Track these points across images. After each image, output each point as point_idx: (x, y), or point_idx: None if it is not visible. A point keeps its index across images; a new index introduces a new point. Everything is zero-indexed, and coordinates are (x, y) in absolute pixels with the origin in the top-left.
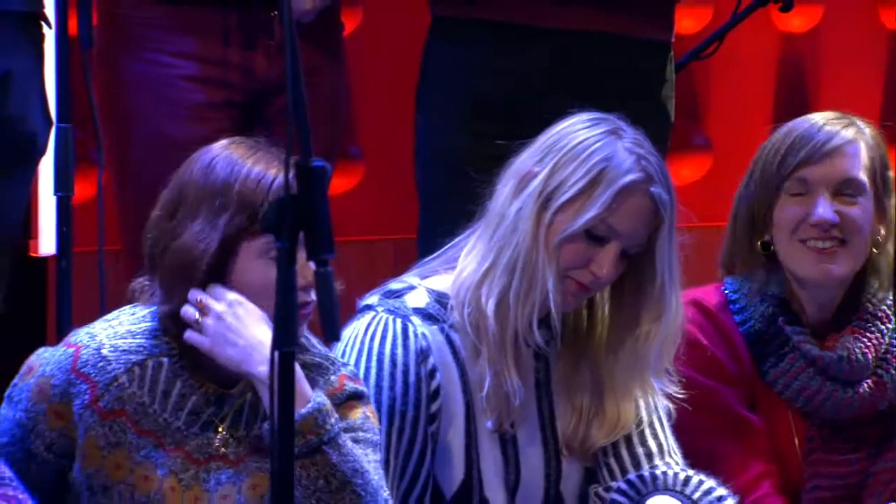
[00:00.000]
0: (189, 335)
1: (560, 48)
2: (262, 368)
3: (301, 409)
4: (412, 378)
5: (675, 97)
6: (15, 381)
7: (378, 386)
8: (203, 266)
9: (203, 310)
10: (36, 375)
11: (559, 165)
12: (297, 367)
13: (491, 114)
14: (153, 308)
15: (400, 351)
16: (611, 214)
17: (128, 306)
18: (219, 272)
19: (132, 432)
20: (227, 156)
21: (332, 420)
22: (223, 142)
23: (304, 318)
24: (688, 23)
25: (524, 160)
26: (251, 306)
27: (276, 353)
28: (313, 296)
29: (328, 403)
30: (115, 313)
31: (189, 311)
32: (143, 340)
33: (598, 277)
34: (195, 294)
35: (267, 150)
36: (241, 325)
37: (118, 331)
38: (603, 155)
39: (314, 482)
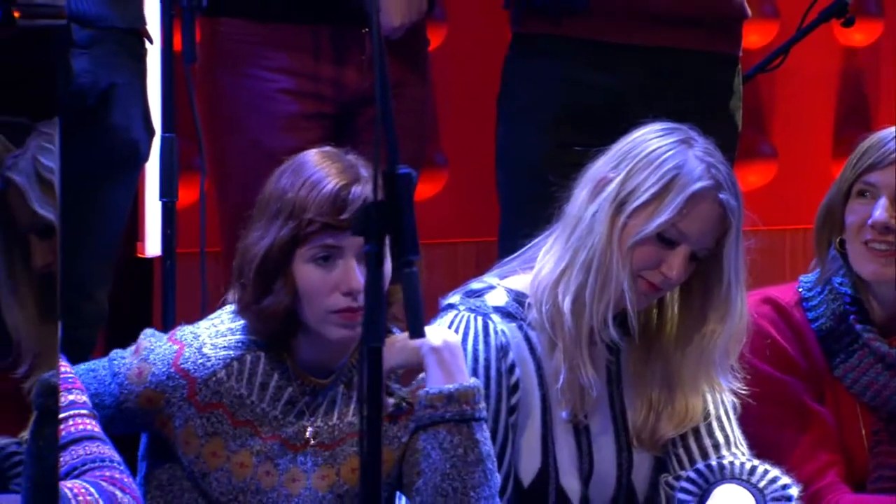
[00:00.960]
0: None
1: (636, 62)
2: (431, 339)
3: (464, 382)
4: (493, 373)
5: (742, 108)
6: (123, 353)
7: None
8: (252, 268)
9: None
10: (139, 358)
11: (633, 172)
12: (451, 355)
13: (570, 124)
14: None
15: (481, 347)
16: (681, 219)
17: (229, 306)
18: (271, 275)
19: (228, 423)
20: (298, 164)
21: (483, 404)
22: (310, 151)
23: (350, 323)
24: (755, 38)
25: (600, 166)
26: None
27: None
28: (361, 300)
29: (483, 388)
30: (217, 313)
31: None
32: (241, 336)
33: (668, 278)
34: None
35: (343, 161)
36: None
37: (219, 329)
38: (675, 163)
39: (455, 448)
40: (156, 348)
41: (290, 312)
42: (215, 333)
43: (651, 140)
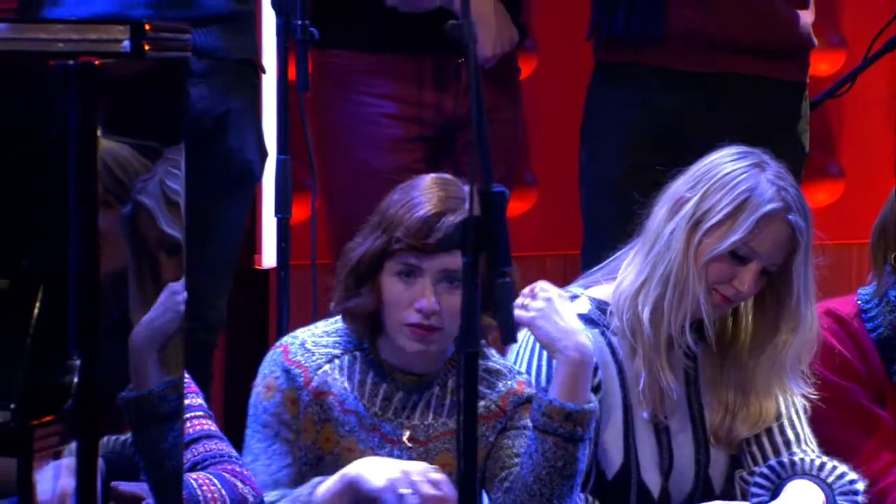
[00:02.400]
0: (518, 315)
1: (709, 88)
2: (572, 351)
3: (585, 405)
4: None
5: (810, 131)
6: (249, 406)
7: (538, 378)
8: (346, 270)
9: (533, 293)
10: (260, 384)
11: (709, 192)
12: (584, 371)
13: (647, 146)
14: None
15: None
16: (753, 238)
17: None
18: (361, 279)
19: (339, 409)
20: (410, 185)
21: (593, 425)
22: (428, 176)
23: (421, 338)
24: (824, 66)
25: (678, 186)
26: (568, 303)
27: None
28: (434, 321)
29: (599, 411)
30: (314, 324)
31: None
32: (337, 338)
33: (739, 292)
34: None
35: (449, 190)
36: (563, 311)
37: (315, 332)
38: (748, 185)
39: (556, 460)
40: (266, 363)
41: (374, 316)
42: (312, 335)
43: (726, 163)
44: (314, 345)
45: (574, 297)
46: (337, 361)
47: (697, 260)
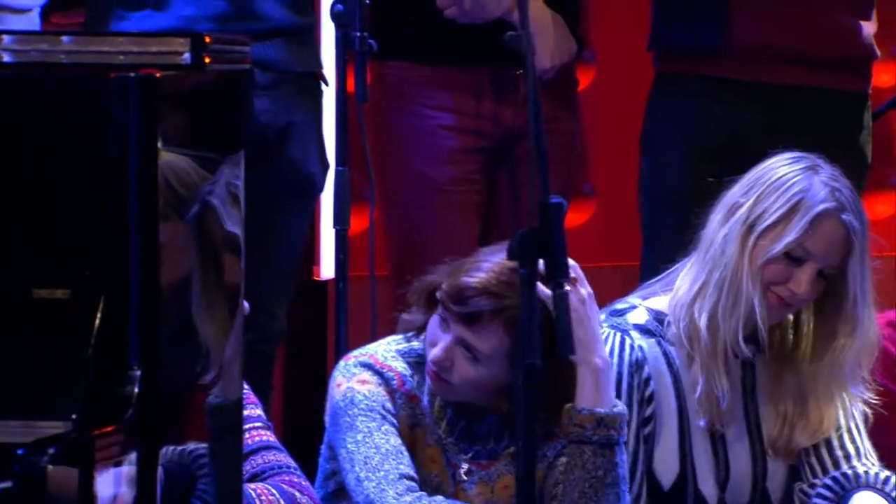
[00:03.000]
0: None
1: (771, 100)
2: (597, 358)
3: (614, 408)
4: (625, 386)
5: (872, 142)
6: (332, 407)
7: None
8: (417, 286)
9: (574, 281)
10: (347, 382)
11: (762, 196)
12: (606, 378)
13: (706, 157)
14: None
15: (615, 361)
16: (807, 239)
17: (393, 337)
18: (422, 301)
19: (429, 416)
20: (498, 246)
21: (626, 429)
22: (488, 248)
23: (432, 379)
24: (886, 77)
25: (732, 193)
26: (595, 307)
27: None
28: (443, 373)
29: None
30: (380, 341)
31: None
32: (410, 358)
33: (795, 294)
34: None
35: (513, 276)
36: (594, 314)
37: (388, 348)
38: (801, 187)
39: (595, 469)
40: (345, 369)
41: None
42: (387, 350)
43: (779, 167)
44: (393, 358)
45: (632, 307)
46: (417, 377)
47: (752, 263)
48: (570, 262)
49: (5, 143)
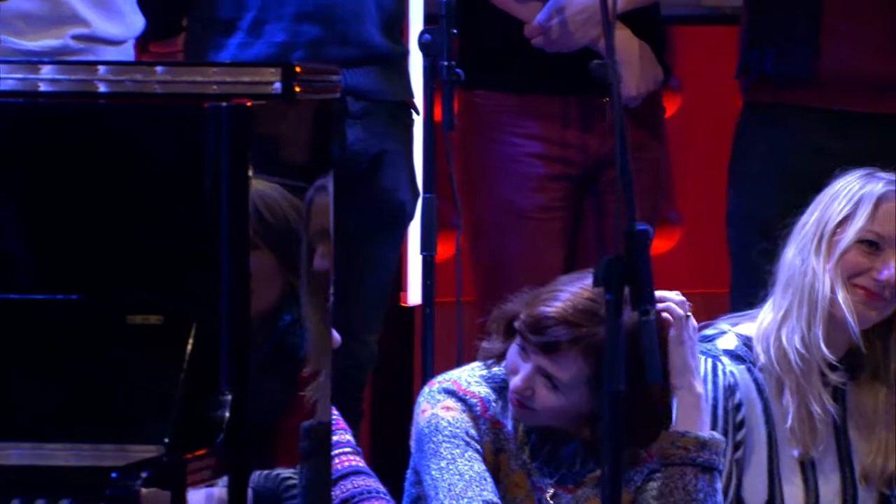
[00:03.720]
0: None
1: (862, 128)
2: (696, 383)
3: (714, 434)
4: (720, 410)
5: None
6: (417, 432)
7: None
8: (494, 315)
9: (674, 313)
10: (431, 409)
11: (825, 206)
12: (705, 403)
13: (797, 186)
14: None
15: (710, 386)
16: (874, 223)
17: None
18: (501, 329)
19: (513, 442)
20: (574, 275)
21: (724, 458)
22: (568, 276)
23: (515, 406)
24: None
25: (802, 218)
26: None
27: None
28: (525, 401)
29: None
30: (463, 367)
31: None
32: (494, 384)
33: (878, 279)
34: (671, 295)
35: (592, 302)
36: (693, 341)
37: (472, 374)
38: (860, 185)
39: (696, 492)
40: (429, 395)
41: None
42: (470, 376)
43: (837, 182)
44: (477, 384)
45: (721, 333)
46: (500, 403)
47: (828, 262)
48: (675, 293)
49: (101, 171)
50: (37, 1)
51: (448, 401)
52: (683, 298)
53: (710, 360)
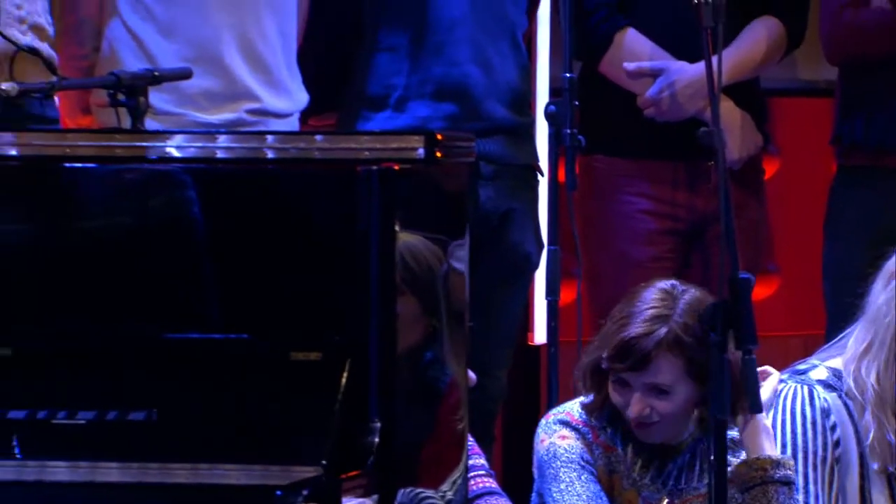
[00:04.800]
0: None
1: None
2: (765, 413)
3: (784, 454)
4: (819, 429)
5: None
6: (538, 459)
7: (793, 433)
8: (581, 373)
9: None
10: (549, 438)
11: None
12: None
13: (889, 241)
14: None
15: (808, 409)
16: None
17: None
18: (592, 380)
19: (625, 463)
20: (631, 296)
21: (796, 474)
22: (653, 286)
23: (640, 431)
24: None
25: (890, 262)
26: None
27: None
28: (647, 421)
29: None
30: (574, 400)
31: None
32: (601, 414)
33: None
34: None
35: (663, 305)
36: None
37: (579, 408)
38: None
39: None
40: (547, 427)
41: (602, 409)
42: (580, 406)
43: None
44: (578, 416)
45: (813, 366)
46: (609, 429)
47: None
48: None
49: (268, 226)
50: (216, 80)
51: (563, 430)
52: None
53: (805, 388)
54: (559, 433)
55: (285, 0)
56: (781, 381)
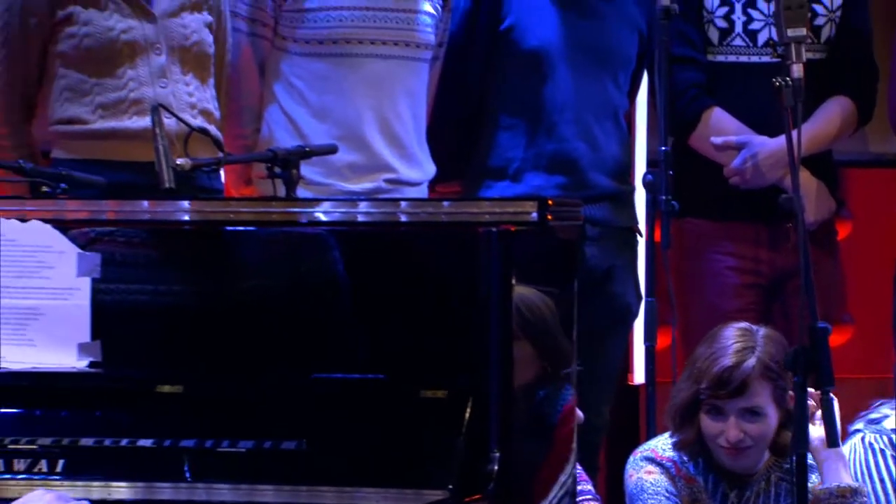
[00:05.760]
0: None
1: None
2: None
3: (859, 483)
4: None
5: None
6: (628, 493)
7: (870, 479)
8: (673, 410)
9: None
10: (636, 473)
11: None
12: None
13: None
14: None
15: (889, 451)
16: None
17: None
18: (683, 419)
19: (706, 493)
20: (713, 336)
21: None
22: (730, 326)
23: (733, 457)
24: None
25: None
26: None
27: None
28: (741, 445)
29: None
30: (660, 436)
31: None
32: (683, 450)
33: None
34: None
35: (744, 339)
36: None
37: (667, 442)
38: None
39: None
40: (635, 463)
41: (697, 444)
42: (665, 443)
43: None
44: (670, 449)
45: (885, 416)
46: (690, 463)
47: None
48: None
49: (402, 280)
50: (359, 155)
51: (649, 466)
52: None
53: (885, 436)
54: (645, 469)
55: (417, 87)
56: (857, 430)
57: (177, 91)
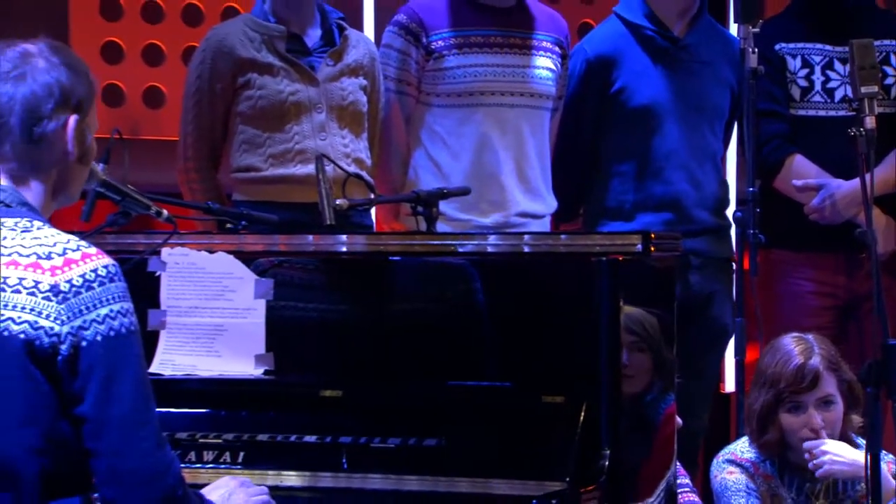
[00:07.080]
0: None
1: None
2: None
3: None
4: None
5: None
6: (715, 492)
7: None
8: (753, 419)
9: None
10: (720, 474)
11: None
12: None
13: None
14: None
15: None
16: None
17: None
18: (764, 423)
19: (781, 487)
20: (775, 346)
21: None
22: (785, 336)
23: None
24: None
25: None
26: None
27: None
28: (822, 434)
29: None
30: (740, 439)
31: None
32: (760, 450)
33: None
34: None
35: (802, 343)
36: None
37: (744, 446)
38: None
39: None
40: (719, 465)
41: (780, 444)
42: (743, 446)
43: None
44: (748, 452)
45: None
46: (767, 462)
47: None
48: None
49: (525, 303)
50: (492, 191)
51: (730, 467)
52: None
53: None
54: (727, 470)
55: (540, 130)
56: None
57: (334, 143)
